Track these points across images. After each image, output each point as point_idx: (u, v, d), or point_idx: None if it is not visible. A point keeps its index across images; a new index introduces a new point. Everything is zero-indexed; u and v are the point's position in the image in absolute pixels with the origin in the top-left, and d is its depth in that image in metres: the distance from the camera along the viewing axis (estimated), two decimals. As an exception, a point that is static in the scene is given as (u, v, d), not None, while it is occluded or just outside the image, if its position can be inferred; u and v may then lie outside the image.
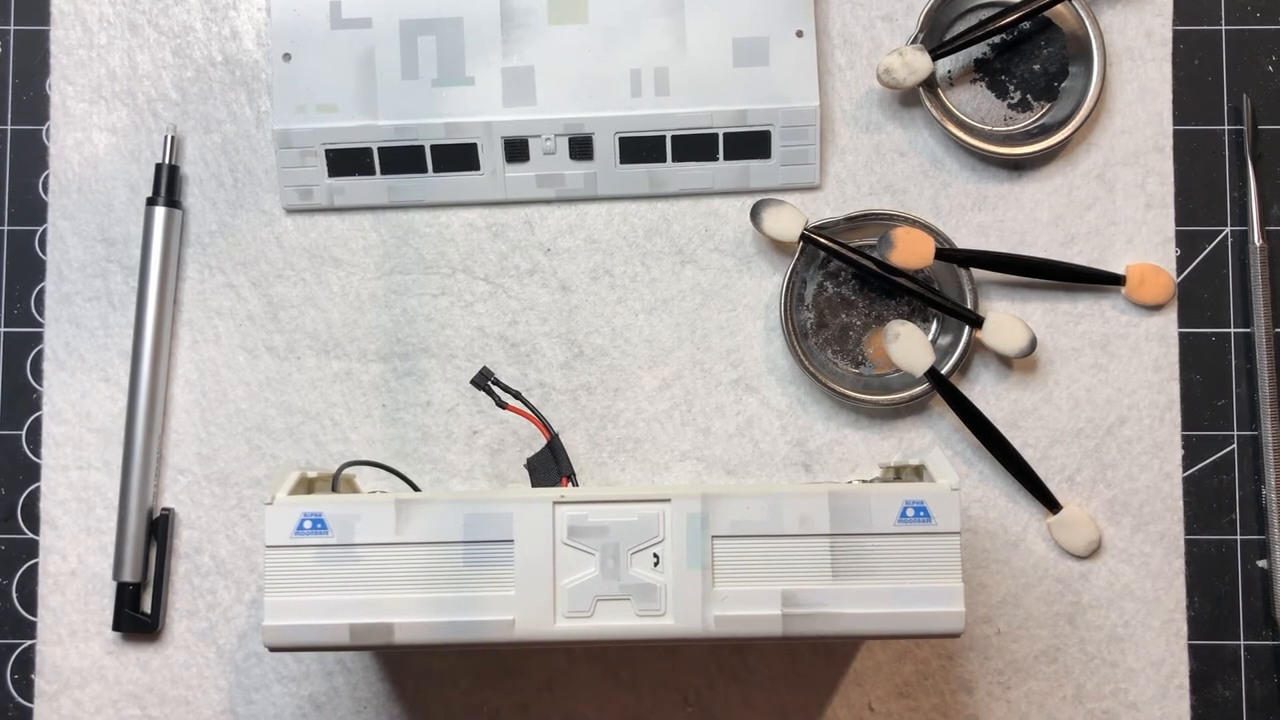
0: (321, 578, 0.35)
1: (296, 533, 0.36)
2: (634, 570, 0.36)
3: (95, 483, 0.49)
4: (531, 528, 0.35)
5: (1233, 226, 0.50)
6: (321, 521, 0.36)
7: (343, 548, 0.36)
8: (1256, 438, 0.49)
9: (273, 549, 0.36)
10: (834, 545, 0.36)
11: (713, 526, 0.36)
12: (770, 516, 0.36)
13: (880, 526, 0.36)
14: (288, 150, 0.49)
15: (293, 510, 0.36)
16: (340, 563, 0.35)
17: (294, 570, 0.36)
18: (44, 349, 0.50)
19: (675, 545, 0.36)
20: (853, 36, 0.50)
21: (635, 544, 0.36)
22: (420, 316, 0.49)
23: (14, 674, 0.49)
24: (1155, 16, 0.50)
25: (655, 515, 0.36)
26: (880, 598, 0.36)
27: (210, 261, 0.50)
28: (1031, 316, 0.49)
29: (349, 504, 0.36)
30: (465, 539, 0.35)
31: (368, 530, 0.36)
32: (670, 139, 0.49)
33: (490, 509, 0.36)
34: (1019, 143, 0.49)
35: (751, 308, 0.50)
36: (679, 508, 0.36)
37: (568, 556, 0.36)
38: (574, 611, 0.35)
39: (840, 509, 0.36)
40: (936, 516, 0.36)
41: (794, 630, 0.35)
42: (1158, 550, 0.48)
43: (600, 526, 0.36)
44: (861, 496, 0.36)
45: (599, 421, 0.49)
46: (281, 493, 0.37)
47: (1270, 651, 0.48)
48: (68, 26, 0.50)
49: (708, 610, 0.35)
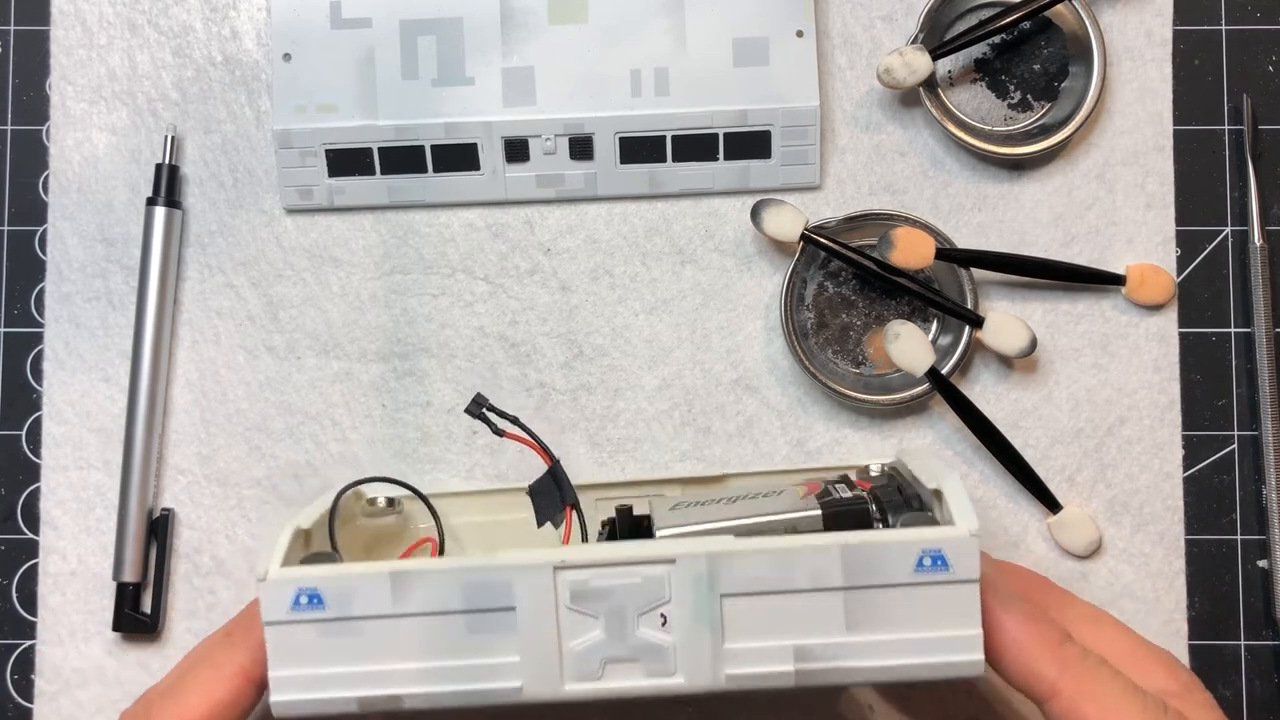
0: (324, 651, 0.34)
1: (293, 608, 0.34)
2: (641, 631, 0.34)
3: (95, 483, 0.49)
4: (532, 594, 0.34)
5: (1233, 226, 0.50)
6: (318, 596, 0.34)
7: (343, 622, 0.34)
8: (1256, 438, 0.49)
9: (271, 625, 0.34)
10: (848, 599, 0.34)
11: (721, 586, 0.34)
12: (780, 573, 0.34)
13: (896, 578, 0.34)
14: (288, 150, 0.49)
15: (287, 586, 0.34)
16: (341, 635, 0.34)
17: (295, 644, 0.34)
18: (44, 349, 0.50)
19: (682, 605, 0.34)
20: (853, 36, 0.50)
21: (641, 606, 0.34)
22: (420, 316, 0.49)
23: (14, 674, 0.49)
24: (1155, 16, 0.50)
25: (660, 577, 0.34)
26: (896, 648, 0.34)
27: (210, 261, 0.50)
28: (1031, 316, 0.49)
29: (344, 578, 0.34)
30: (465, 608, 0.34)
31: (365, 603, 0.34)
32: (670, 139, 0.49)
33: (488, 577, 0.34)
34: (1019, 143, 0.49)
35: (751, 308, 0.50)
36: (684, 568, 0.34)
37: (572, 620, 0.34)
38: (582, 675, 0.34)
39: (854, 561, 0.34)
40: (955, 564, 0.34)
41: (807, 683, 0.34)
42: (1158, 550, 0.48)
43: (604, 590, 0.34)
44: (876, 548, 0.34)
45: (599, 421, 0.49)
46: (274, 564, 0.35)
47: (1270, 651, 0.48)
48: (68, 26, 0.50)
49: (718, 668, 0.34)
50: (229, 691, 0.36)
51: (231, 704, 0.36)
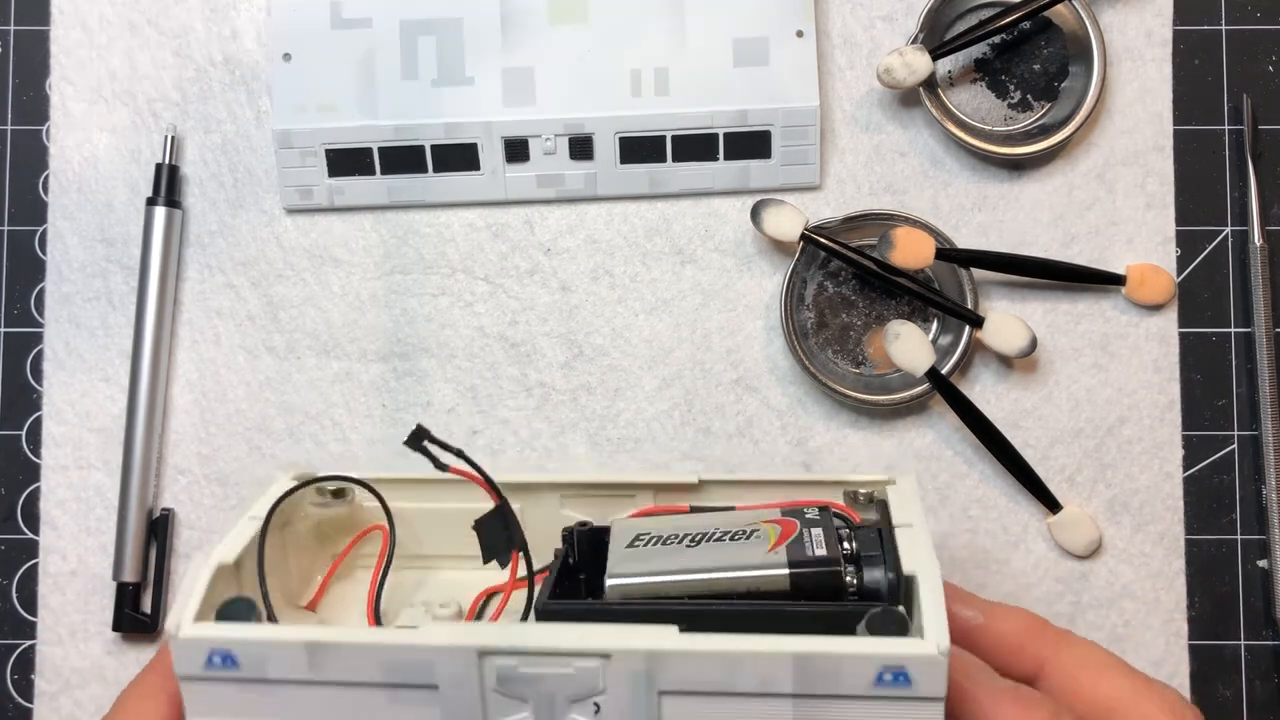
0: (242, 706, 0.32)
1: (207, 667, 0.32)
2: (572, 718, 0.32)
3: (95, 483, 0.49)
4: (456, 676, 0.32)
5: (1233, 226, 0.50)
6: (232, 658, 0.32)
7: (258, 683, 0.32)
8: (1256, 438, 0.49)
9: (185, 680, 0.32)
10: (796, 706, 0.31)
11: (659, 683, 0.31)
12: (724, 675, 0.31)
13: (852, 690, 0.31)
14: (288, 150, 0.49)
15: (199, 647, 0.32)
16: (259, 694, 0.32)
17: (212, 699, 0.32)
18: (44, 349, 0.50)
19: (617, 699, 0.31)
20: (853, 36, 0.50)
21: (573, 695, 0.32)
22: (420, 316, 0.49)
23: (14, 674, 0.49)
24: (1155, 16, 0.50)
25: (595, 670, 0.31)
26: None
27: (210, 261, 0.50)
28: (1031, 316, 0.49)
29: (257, 644, 0.32)
30: (385, 681, 0.32)
31: (280, 669, 0.32)
32: (670, 139, 0.49)
33: (408, 657, 0.32)
34: (1019, 143, 0.49)
35: (751, 308, 0.50)
36: (621, 664, 0.31)
37: (499, 703, 0.32)
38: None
39: (806, 671, 0.31)
40: (918, 682, 0.30)
41: None
42: (1158, 550, 0.48)
43: (533, 677, 0.32)
44: (831, 659, 0.31)
45: (599, 421, 0.49)
46: (188, 616, 0.33)
47: (1270, 651, 0.48)
48: (68, 26, 0.50)
49: None
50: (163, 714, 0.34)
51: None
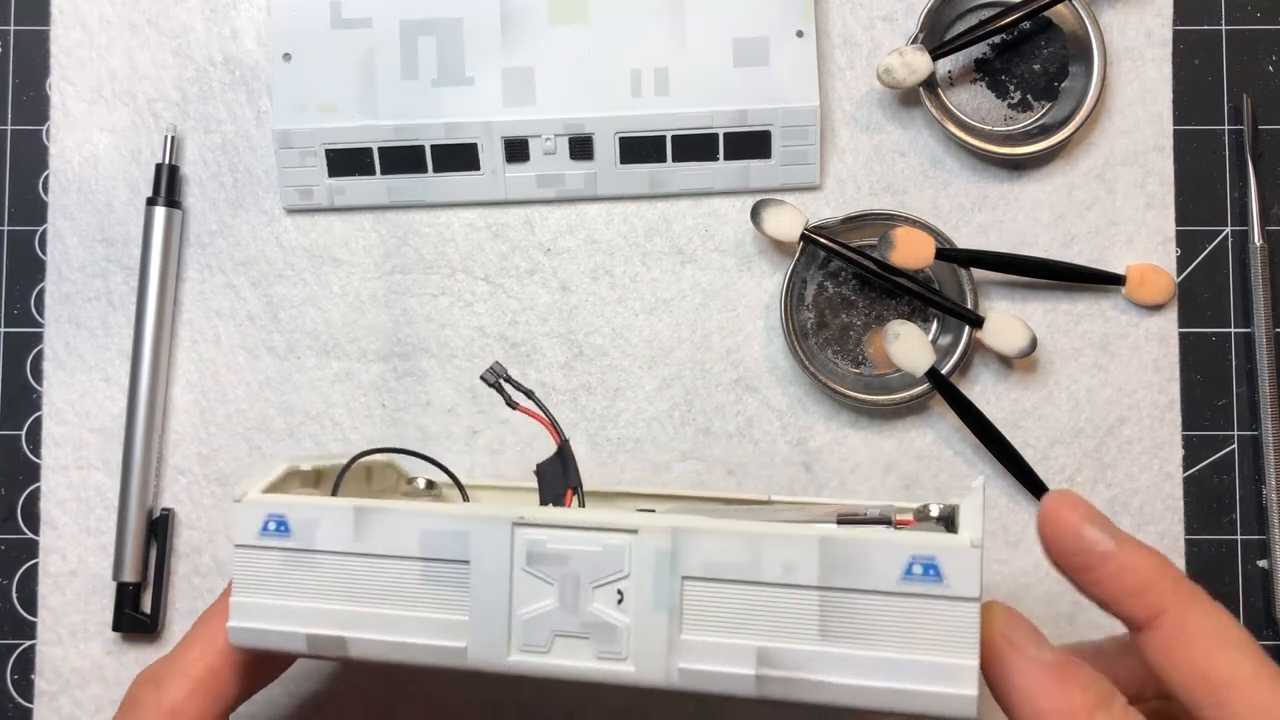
0: (285, 582, 0.34)
1: (261, 533, 0.34)
2: (595, 606, 0.32)
3: (95, 483, 0.49)
4: (488, 550, 0.33)
5: (1233, 226, 0.50)
6: (285, 524, 0.34)
7: (304, 553, 0.34)
8: (1256, 438, 0.49)
9: (240, 549, 0.34)
10: (823, 600, 0.30)
11: (682, 566, 0.31)
12: (749, 559, 0.31)
13: (879, 583, 0.30)
14: (288, 150, 0.49)
15: (258, 510, 0.34)
16: (302, 568, 0.34)
17: (259, 572, 0.34)
18: (44, 349, 0.50)
19: (640, 583, 0.32)
20: (853, 36, 0.50)
21: (598, 577, 0.32)
22: (420, 316, 0.49)
23: (14, 674, 0.49)
24: (1155, 16, 0.50)
25: (621, 547, 0.32)
26: (874, 668, 0.30)
27: (210, 261, 0.50)
28: (1031, 316, 0.49)
29: (310, 508, 0.34)
30: (421, 555, 0.33)
31: (327, 537, 0.34)
32: (670, 139, 0.49)
33: (446, 526, 0.33)
34: (1019, 143, 0.49)
35: (751, 308, 0.50)
36: (646, 541, 0.32)
37: (526, 584, 0.32)
38: (529, 645, 0.32)
39: (832, 558, 0.30)
40: (950, 577, 0.30)
41: (769, 694, 0.31)
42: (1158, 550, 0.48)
43: (561, 554, 0.32)
44: (859, 545, 0.30)
45: (599, 421, 0.49)
46: (254, 489, 0.35)
47: (1271, 651, 0.48)
48: (68, 26, 0.50)
49: (672, 660, 0.31)
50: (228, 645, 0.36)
51: (231, 654, 0.36)
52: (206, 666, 0.36)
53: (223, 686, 0.36)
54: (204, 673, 0.36)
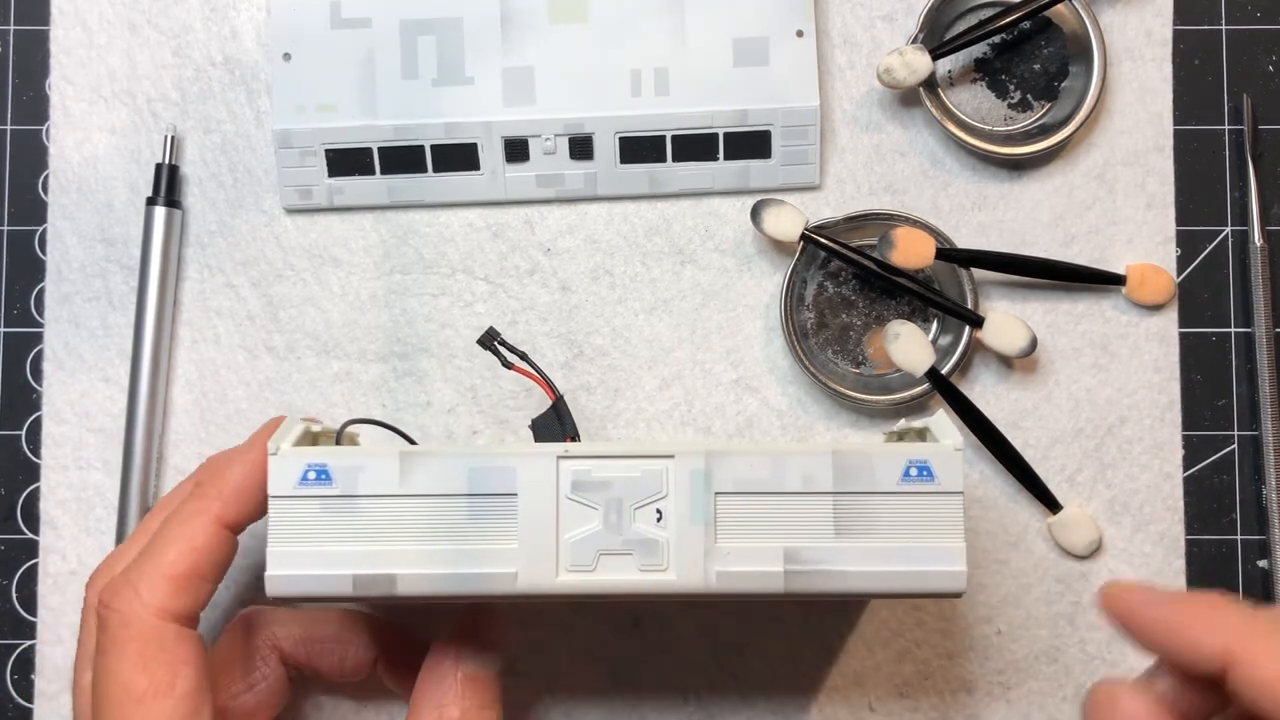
0: (325, 529, 0.36)
1: (300, 483, 0.36)
2: (637, 525, 0.36)
3: (95, 483, 0.49)
4: (535, 482, 0.36)
5: (1233, 226, 0.50)
6: (326, 472, 0.36)
7: (346, 499, 0.36)
8: (1256, 438, 0.49)
9: (276, 499, 0.36)
10: (837, 503, 0.36)
11: (716, 483, 0.36)
12: (773, 474, 0.36)
13: (883, 485, 0.36)
14: (288, 150, 0.49)
15: (297, 461, 0.36)
16: (344, 514, 0.36)
17: (297, 521, 0.36)
18: (44, 349, 0.50)
19: (678, 501, 0.36)
20: (853, 36, 0.50)
21: (639, 499, 0.36)
22: (420, 316, 0.49)
23: (14, 674, 0.49)
24: (1155, 16, 0.50)
25: (659, 471, 0.36)
26: (882, 556, 0.36)
27: (210, 261, 0.50)
28: (1031, 316, 0.49)
29: (353, 456, 0.36)
30: (469, 491, 0.36)
31: (372, 482, 0.36)
32: (670, 139, 0.49)
33: (494, 463, 0.36)
34: (1019, 143, 0.49)
35: (751, 308, 0.50)
36: (682, 464, 0.36)
37: (571, 511, 0.36)
38: (576, 565, 0.35)
39: (844, 467, 0.36)
40: (940, 476, 0.36)
41: (796, 587, 0.35)
42: (1158, 550, 0.48)
43: (604, 481, 0.36)
44: (864, 455, 0.36)
45: (599, 421, 0.49)
46: (286, 443, 0.37)
47: (1270, 651, 0.48)
48: (68, 26, 0.50)
49: (710, 566, 0.36)
50: (208, 538, 0.37)
51: (212, 549, 0.37)
52: (189, 566, 0.36)
53: (201, 584, 0.37)
54: (187, 571, 0.36)
